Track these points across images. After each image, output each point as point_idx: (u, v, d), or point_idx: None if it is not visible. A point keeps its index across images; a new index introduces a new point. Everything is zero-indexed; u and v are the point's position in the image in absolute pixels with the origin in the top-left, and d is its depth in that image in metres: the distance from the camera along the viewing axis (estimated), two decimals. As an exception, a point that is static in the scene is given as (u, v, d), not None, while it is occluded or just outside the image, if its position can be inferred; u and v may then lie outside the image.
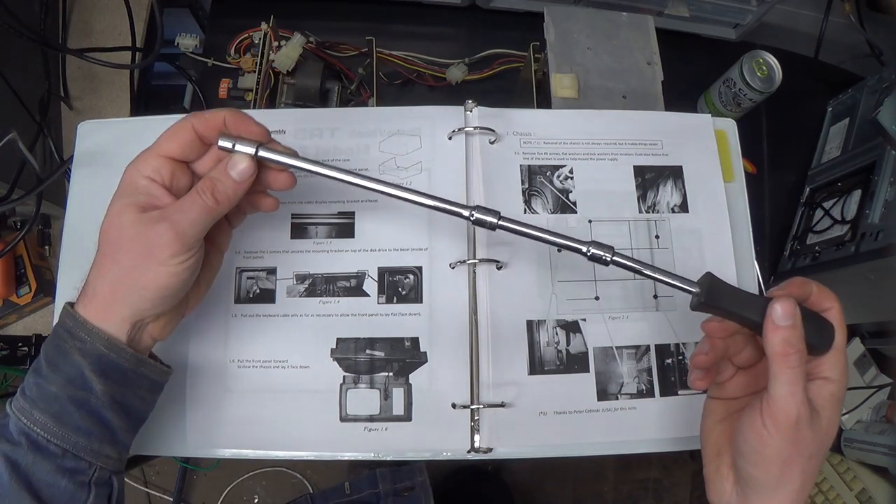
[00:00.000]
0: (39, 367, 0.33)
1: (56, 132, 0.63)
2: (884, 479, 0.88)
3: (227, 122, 0.35)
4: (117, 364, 0.33)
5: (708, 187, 0.48)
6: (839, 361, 0.33)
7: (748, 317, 0.32)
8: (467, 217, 0.37)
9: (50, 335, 0.34)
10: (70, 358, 0.32)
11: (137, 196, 0.33)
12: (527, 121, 0.49)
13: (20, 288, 0.61)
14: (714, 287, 0.33)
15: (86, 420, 0.33)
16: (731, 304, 0.33)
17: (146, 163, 0.34)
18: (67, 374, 0.32)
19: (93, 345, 0.32)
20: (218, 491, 1.25)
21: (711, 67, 0.73)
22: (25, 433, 0.32)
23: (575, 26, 0.60)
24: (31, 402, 0.32)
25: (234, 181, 0.34)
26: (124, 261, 0.32)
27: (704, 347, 0.36)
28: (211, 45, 0.71)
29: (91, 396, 0.33)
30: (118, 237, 0.33)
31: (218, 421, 0.42)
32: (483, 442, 0.42)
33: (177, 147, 0.34)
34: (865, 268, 0.60)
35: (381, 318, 0.44)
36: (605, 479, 1.30)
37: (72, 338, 0.32)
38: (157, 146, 0.34)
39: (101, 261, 0.33)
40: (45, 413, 0.32)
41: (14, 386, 1.24)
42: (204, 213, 0.33)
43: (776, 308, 0.31)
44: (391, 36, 0.71)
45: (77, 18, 0.67)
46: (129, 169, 0.34)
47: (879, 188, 0.62)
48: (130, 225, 0.32)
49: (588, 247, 0.36)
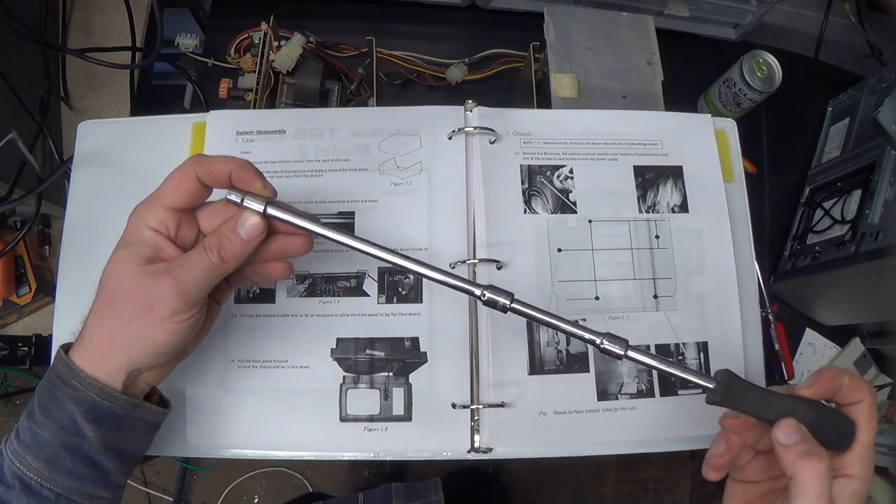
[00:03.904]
0: (33, 411, 0.33)
1: (56, 132, 0.63)
2: (884, 479, 0.88)
3: (234, 176, 0.33)
4: (111, 411, 0.33)
5: (708, 187, 0.48)
6: (864, 457, 0.31)
7: (766, 417, 0.32)
8: (478, 296, 0.35)
9: (44, 379, 0.33)
10: (62, 405, 0.32)
11: (143, 247, 0.32)
12: (527, 121, 0.49)
13: (20, 288, 0.61)
14: (731, 385, 0.33)
15: (78, 465, 0.32)
16: (749, 403, 0.33)
17: (151, 214, 0.32)
18: (59, 420, 0.32)
19: (85, 393, 0.32)
20: (218, 491, 1.25)
21: (711, 67, 0.73)
22: (19, 477, 0.32)
23: (575, 26, 0.60)
24: (25, 446, 0.32)
25: (242, 239, 0.33)
26: (125, 312, 0.32)
27: (720, 449, 0.34)
28: (211, 45, 0.71)
29: (84, 443, 0.32)
30: (119, 288, 0.32)
31: (218, 421, 0.42)
32: (483, 442, 0.42)
33: (182, 197, 0.33)
34: (865, 268, 0.60)
35: (381, 318, 0.44)
36: (605, 479, 1.30)
37: (64, 385, 0.32)
38: (161, 196, 0.33)
39: (99, 309, 0.32)
40: (38, 458, 0.32)
41: (14, 386, 1.25)
42: (209, 271, 0.32)
43: (777, 434, 0.31)
44: (391, 36, 0.71)
45: (77, 18, 0.67)
46: (133, 217, 0.33)
47: (879, 188, 0.62)
48: (133, 277, 0.32)
49: (602, 339, 0.34)
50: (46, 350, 0.45)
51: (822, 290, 0.69)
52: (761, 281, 0.70)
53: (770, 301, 0.72)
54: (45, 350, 0.62)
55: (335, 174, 0.46)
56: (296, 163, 0.47)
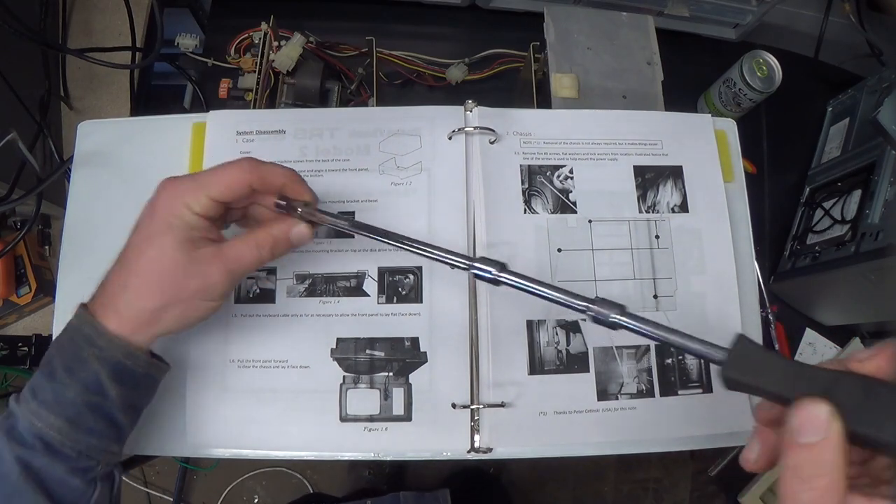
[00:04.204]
0: (54, 370, 0.34)
1: (56, 132, 0.63)
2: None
3: (286, 187, 0.37)
4: (133, 370, 0.35)
5: (708, 187, 0.48)
6: None
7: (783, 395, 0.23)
8: (466, 268, 0.36)
9: (64, 340, 0.35)
10: (88, 364, 0.33)
11: (187, 230, 0.34)
12: (527, 121, 0.49)
13: (20, 288, 0.61)
14: (745, 354, 0.25)
15: (99, 423, 0.34)
16: (768, 377, 0.24)
17: (197, 200, 0.34)
18: (84, 379, 0.33)
19: (111, 353, 0.34)
20: (218, 491, 1.24)
21: (711, 67, 0.73)
22: (39, 436, 0.33)
23: (575, 26, 0.60)
24: (46, 405, 0.33)
25: (291, 244, 0.37)
26: (177, 292, 0.34)
27: (753, 453, 0.26)
28: (211, 45, 0.71)
29: (106, 401, 0.34)
30: (166, 267, 0.34)
31: (218, 421, 0.42)
32: (483, 442, 0.42)
33: (229, 196, 0.35)
34: (865, 268, 0.60)
35: (381, 318, 0.44)
36: (605, 479, 1.30)
37: (90, 345, 0.34)
38: (208, 187, 0.34)
39: (135, 282, 0.34)
40: (60, 417, 0.33)
41: (14, 386, 1.24)
42: (256, 263, 0.36)
43: (794, 417, 0.21)
44: (391, 36, 0.71)
45: (77, 18, 0.67)
46: (171, 198, 0.34)
47: (879, 188, 0.62)
48: (183, 259, 0.34)
49: (591, 304, 0.31)
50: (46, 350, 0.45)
51: (821, 290, 0.69)
52: (761, 281, 0.70)
53: (770, 301, 0.73)
54: (44, 350, 0.62)
55: (335, 174, 0.46)
56: (296, 163, 0.46)
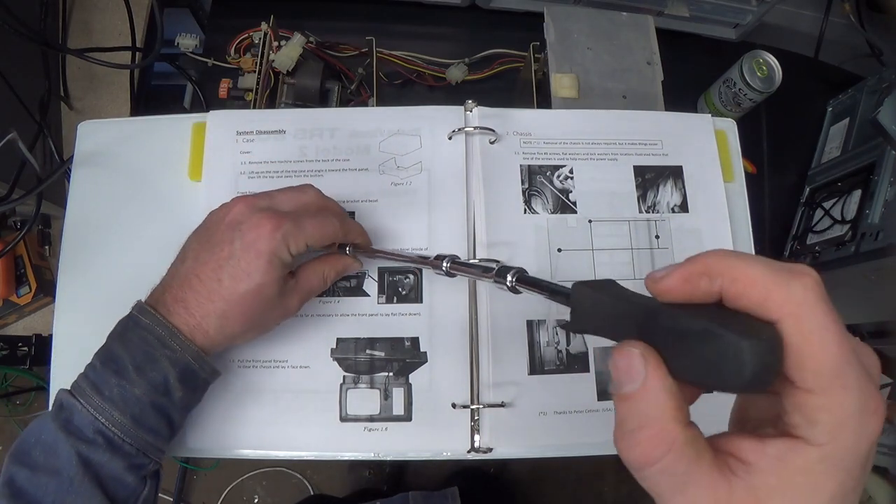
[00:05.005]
0: (122, 368, 0.34)
1: (56, 132, 0.63)
2: (884, 480, 0.88)
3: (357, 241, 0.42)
4: (198, 374, 0.36)
5: (708, 187, 0.48)
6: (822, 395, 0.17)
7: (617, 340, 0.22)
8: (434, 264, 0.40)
9: (133, 337, 0.35)
10: (159, 364, 0.34)
11: (284, 269, 0.37)
12: (527, 121, 0.49)
13: (20, 288, 0.61)
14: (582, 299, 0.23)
15: (159, 423, 0.35)
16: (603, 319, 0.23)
17: (296, 244, 0.37)
18: (153, 379, 0.34)
19: (182, 355, 0.35)
20: (218, 491, 1.25)
21: (711, 67, 0.73)
22: (102, 432, 0.34)
23: (575, 26, 0.60)
24: (112, 402, 0.34)
25: (340, 275, 0.43)
26: (266, 322, 0.39)
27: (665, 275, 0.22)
28: (211, 45, 0.71)
29: (169, 401, 0.35)
30: (265, 305, 0.37)
31: (218, 421, 0.42)
32: (483, 442, 0.42)
33: (320, 245, 0.39)
34: (865, 268, 0.60)
35: (381, 318, 0.44)
36: (605, 479, 1.30)
37: (163, 346, 0.35)
38: (307, 236, 0.37)
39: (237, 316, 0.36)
40: (125, 415, 0.34)
41: (14, 386, 1.24)
42: (321, 291, 0.42)
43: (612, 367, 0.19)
44: (391, 36, 0.71)
45: (77, 18, 0.67)
46: (274, 238, 0.36)
47: (879, 188, 0.62)
48: (277, 295, 0.37)
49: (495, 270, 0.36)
50: (46, 350, 0.45)
51: (821, 290, 0.69)
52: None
53: (770, 301, 0.72)
54: (44, 350, 0.62)
55: (335, 174, 0.46)
56: (296, 163, 0.47)
